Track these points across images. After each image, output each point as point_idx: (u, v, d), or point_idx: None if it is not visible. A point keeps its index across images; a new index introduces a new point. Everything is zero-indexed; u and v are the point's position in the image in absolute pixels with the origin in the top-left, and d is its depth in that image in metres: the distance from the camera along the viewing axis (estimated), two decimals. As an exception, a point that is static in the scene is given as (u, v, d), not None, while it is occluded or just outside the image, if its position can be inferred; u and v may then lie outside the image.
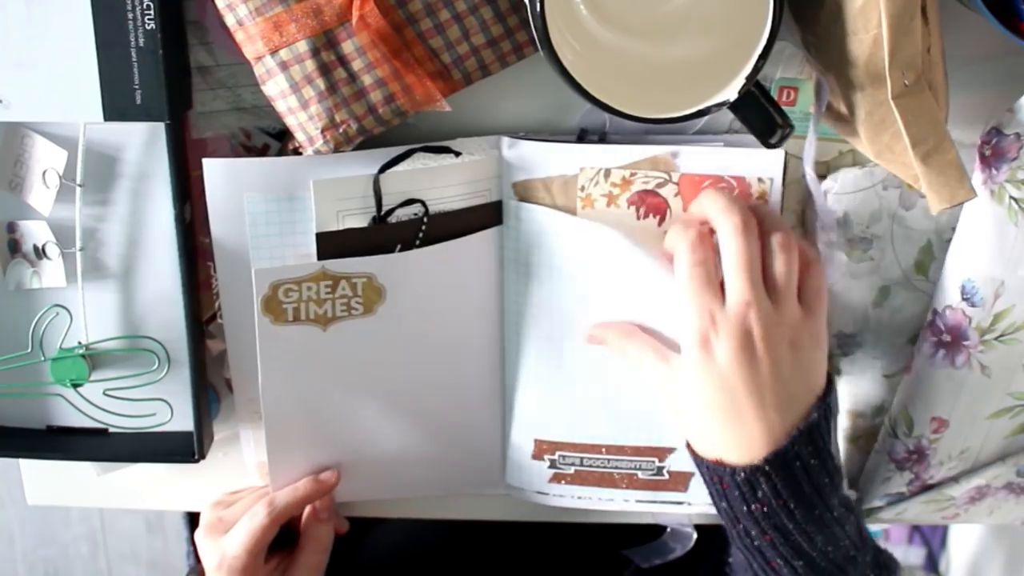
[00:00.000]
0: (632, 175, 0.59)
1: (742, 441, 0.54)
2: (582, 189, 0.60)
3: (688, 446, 0.57)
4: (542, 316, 0.63)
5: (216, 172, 0.58)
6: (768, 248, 0.55)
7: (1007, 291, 0.59)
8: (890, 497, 0.68)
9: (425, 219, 0.60)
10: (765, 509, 0.54)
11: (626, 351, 0.60)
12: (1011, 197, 0.57)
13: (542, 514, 0.72)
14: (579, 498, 0.69)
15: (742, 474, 0.53)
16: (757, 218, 0.55)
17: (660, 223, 0.60)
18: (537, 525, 0.74)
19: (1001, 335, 0.60)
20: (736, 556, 0.61)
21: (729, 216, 0.54)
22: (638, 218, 0.60)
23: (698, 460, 0.56)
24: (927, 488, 0.67)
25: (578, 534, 0.71)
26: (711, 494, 0.56)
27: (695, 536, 0.71)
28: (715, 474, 0.55)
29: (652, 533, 0.73)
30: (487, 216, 0.62)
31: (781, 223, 0.56)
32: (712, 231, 0.56)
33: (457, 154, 0.60)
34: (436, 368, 0.65)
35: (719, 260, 0.55)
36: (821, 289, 0.56)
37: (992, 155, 0.57)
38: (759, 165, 0.59)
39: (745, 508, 0.54)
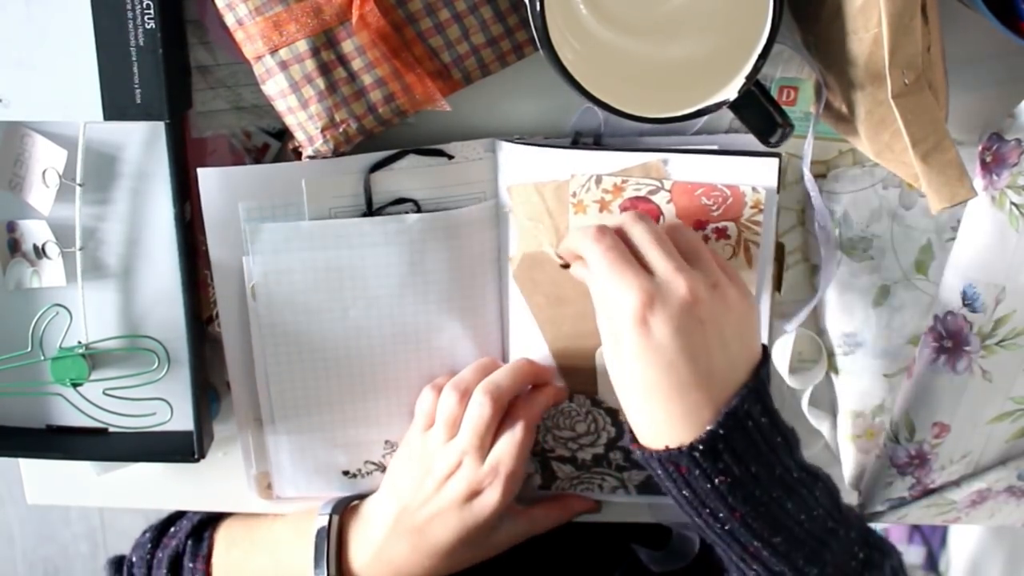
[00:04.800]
0: (624, 182, 0.59)
1: (687, 416, 0.52)
2: (574, 195, 0.60)
3: (638, 445, 0.55)
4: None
5: (211, 181, 0.58)
6: (670, 233, 0.55)
7: (1008, 296, 0.59)
8: (892, 502, 0.68)
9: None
10: (729, 480, 0.52)
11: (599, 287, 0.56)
12: (1012, 203, 0.57)
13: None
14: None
15: (700, 447, 0.51)
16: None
17: None
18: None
19: (1002, 340, 0.60)
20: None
21: (619, 220, 0.55)
22: None
23: (649, 455, 0.54)
24: (929, 492, 0.67)
25: (571, 525, 0.70)
26: (670, 489, 0.54)
27: (698, 541, 0.70)
28: (670, 462, 0.53)
29: (653, 528, 0.72)
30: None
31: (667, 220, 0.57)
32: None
33: (450, 157, 0.61)
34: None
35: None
36: (723, 261, 0.56)
37: (993, 161, 0.57)
38: (753, 173, 0.58)
39: (709, 484, 0.52)
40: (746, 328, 0.54)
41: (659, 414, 0.53)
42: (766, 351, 0.55)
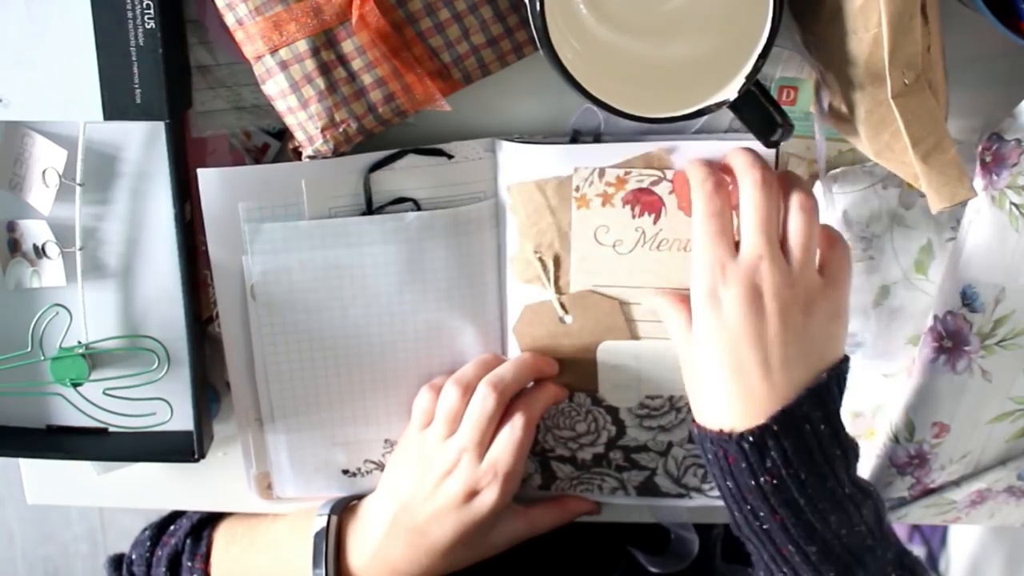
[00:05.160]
0: (626, 174, 0.59)
1: (746, 403, 0.52)
2: (577, 189, 0.60)
3: (694, 422, 0.55)
4: None
5: (211, 181, 0.58)
6: (790, 210, 0.54)
7: (1008, 296, 0.59)
8: (892, 501, 0.68)
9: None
10: (775, 481, 0.51)
11: (657, 310, 0.59)
12: (1012, 203, 0.57)
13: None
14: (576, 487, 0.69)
15: (750, 439, 0.51)
16: (785, 182, 0.55)
17: (655, 221, 0.60)
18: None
19: (1002, 340, 0.60)
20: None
21: (751, 171, 0.54)
22: (633, 216, 0.60)
23: (703, 434, 0.54)
24: (928, 492, 0.67)
25: (570, 526, 0.70)
26: (716, 476, 0.54)
27: (697, 543, 0.70)
28: (720, 447, 0.53)
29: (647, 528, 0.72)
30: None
31: (808, 190, 0.55)
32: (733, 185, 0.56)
33: (450, 156, 0.61)
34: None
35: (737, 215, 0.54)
36: (845, 264, 0.55)
37: (993, 161, 0.57)
38: None
39: (753, 481, 0.52)
40: (822, 338, 0.54)
41: (719, 393, 0.53)
42: (845, 361, 0.55)
